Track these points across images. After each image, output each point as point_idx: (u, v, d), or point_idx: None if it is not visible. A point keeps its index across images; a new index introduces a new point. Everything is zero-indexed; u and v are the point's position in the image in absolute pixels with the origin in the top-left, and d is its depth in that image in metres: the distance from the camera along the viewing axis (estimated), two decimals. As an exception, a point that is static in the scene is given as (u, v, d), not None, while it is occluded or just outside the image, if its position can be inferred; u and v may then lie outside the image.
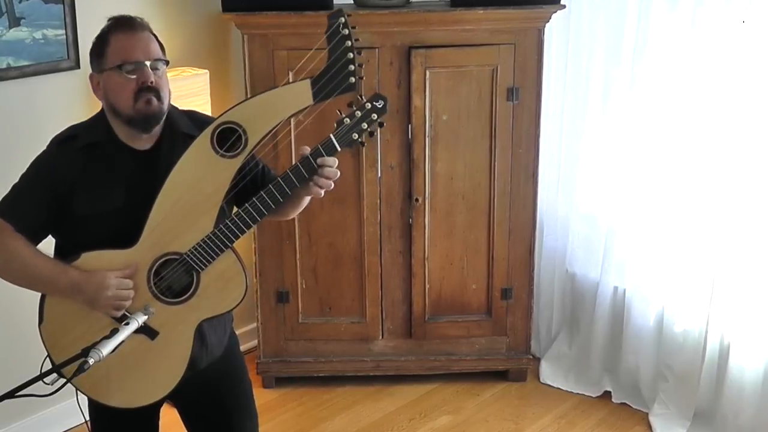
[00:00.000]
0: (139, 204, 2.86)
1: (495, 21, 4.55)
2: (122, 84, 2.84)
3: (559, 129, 5.05)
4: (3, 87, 4.10)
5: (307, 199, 3.11)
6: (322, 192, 2.94)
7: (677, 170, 4.55)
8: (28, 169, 2.97)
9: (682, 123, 4.50)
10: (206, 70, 4.62)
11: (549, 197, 5.13)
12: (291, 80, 4.40)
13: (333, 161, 2.90)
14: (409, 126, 4.64)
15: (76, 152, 2.91)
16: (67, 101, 4.30)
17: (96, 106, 3.63)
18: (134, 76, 2.84)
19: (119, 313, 2.85)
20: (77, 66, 4.29)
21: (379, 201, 4.74)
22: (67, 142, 2.94)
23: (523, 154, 4.72)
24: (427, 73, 4.57)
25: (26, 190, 2.93)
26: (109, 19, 2.93)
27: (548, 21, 4.59)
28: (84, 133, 2.95)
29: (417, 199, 4.73)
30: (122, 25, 2.87)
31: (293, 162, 2.98)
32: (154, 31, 2.95)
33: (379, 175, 4.70)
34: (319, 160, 2.87)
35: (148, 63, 2.85)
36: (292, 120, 3.13)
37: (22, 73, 4.14)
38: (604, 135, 4.86)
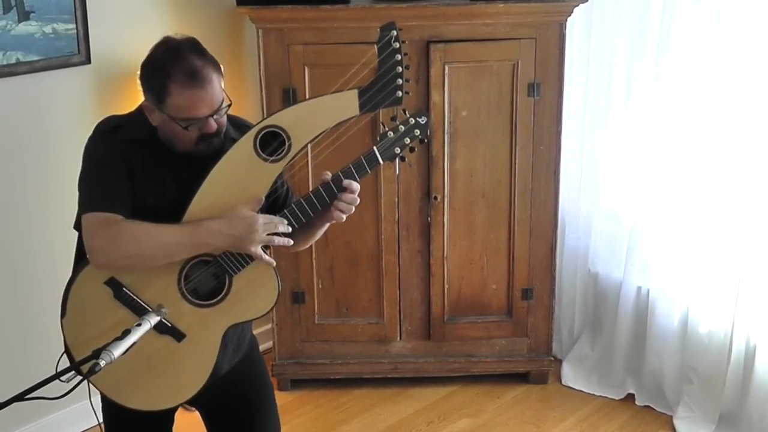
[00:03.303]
0: (187, 203, 2.81)
1: (516, 15, 4.49)
2: (183, 133, 2.78)
3: (581, 125, 4.99)
4: (12, 82, 4.05)
5: (320, 231, 3.10)
6: (344, 216, 2.92)
7: (702, 168, 4.48)
8: (90, 162, 2.88)
9: (707, 119, 4.43)
10: (220, 66, 4.54)
11: (571, 195, 5.06)
12: (307, 79, 4.42)
13: (356, 186, 2.89)
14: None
15: (122, 143, 2.84)
16: (78, 97, 4.26)
17: (108, 102, 3.56)
18: (197, 128, 2.77)
19: (275, 242, 2.84)
20: (88, 61, 4.24)
21: (396, 199, 4.69)
22: (112, 132, 2.87)
23: (544, 151, 4.66)
24: (446, 68, 4.51)
25: (105, 178, 2.84)
26: (166, 49, 2.78)
27: (570, 15, 4.53)
28: (127, 125, 2.89)
29: (436, 197, 4.66)
30: (186, 77, 2.72)
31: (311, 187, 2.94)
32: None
33: (397, 172, 4.64)
34: (345, 183, 2.86)
35: (213, 114, 2.78)
36: (309, 146, 3.09)
37: (32, 68, 4.08)
38: (627, 131, 4.79)
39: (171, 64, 2.74)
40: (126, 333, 2.50)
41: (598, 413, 4.80)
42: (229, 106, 2.87)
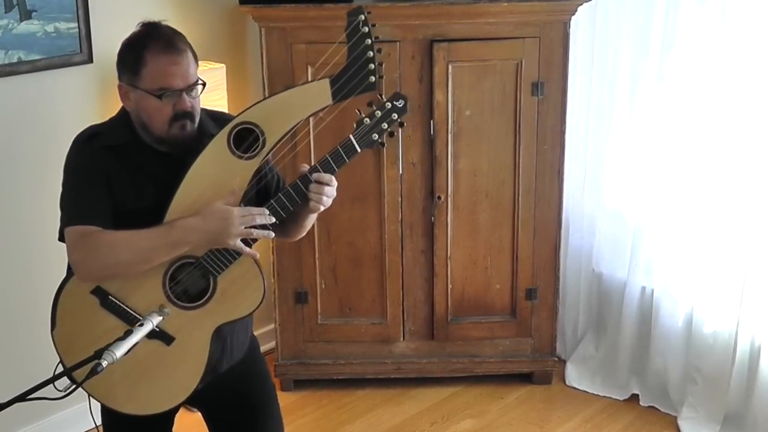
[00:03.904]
0: (168, 205, 2.81)
1: (519, 14, 4.47)
2: (158, 108, 2.80)
3: (585, 124, 4.96)
4: (14, 81, 4.03)
5: (309, 221, 3.08)
6: (321, 207, 2.91)
7: (707, 167, 4.46)
8: (69, 174, 2.91)
9: (712, 118, 4.41)
10: (223, 65, 4.55)
11: (575, 195, 5.04)
12: (310, 77, 4.37)
13: (328, 177, 2.87)
14: (431, 122, 4.56)
15: (100, 150, 2.85)
16: (80, 96, 4.24)
17: (110, 101, 3.54)
18: (171, 103, 2.79)
19: (254, 234, 2.80)
20: (90, 60, 4.22)
21: (400, 199, 4.66)
22: (90, 141, 2.89)
23: (548, 151, 4.64)
24: (450, 67, 4.49)
25: (83, 189, 2.86)
26: (143, 27, 2.85)
27: (574, 13, 4.51)
28: (106, 133, 2.91)
29: (439, 197, 4.64)
30: (161, 45, 2.79)
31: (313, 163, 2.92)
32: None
33: (401, 172, 4.62)
34: (314, 176, 2.84)
35: (186, 89, 2.81)
36: (311, 119, 3.08)
37: (34, 67, 4.06)
38: (631, 130, 4.77)
39: (147, 37, 2.81)
40: (128, 333, 2.49)
41: (603, 414, 4.77)
42: (204, 86, 2.88)
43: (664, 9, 4.50)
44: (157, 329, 2.75)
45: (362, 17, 2.80)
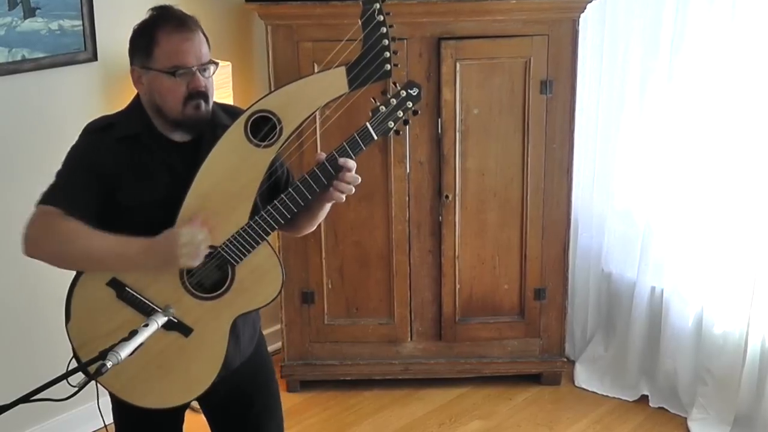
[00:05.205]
0: (182, 196, 2.80)
1: (528, 11, 4.45)
2: (171, 88, 2.79)
3: (594, 123, 4.94)
4: (18, 80, 4.02)
5: (323, 212, 3.06)
6: (344, 197, 2.89)
7: (717, 166, 4.44)
8: (67, 159, 2.89)
9: (722, 117, 4.39)
10: (229, 63, 4.53)
11: (584, 194, 5.01)
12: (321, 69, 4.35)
13: (353, 164, 2.86)
14: (439, 120, 4.54)
15: (113, 142, 2.84)
16: (84, 94, 4.23)
17: (115, 99, 3.51)
18: (185, 82, 2.78)
19: (198, 263, 2.77)
20: (95, 58, 4.21)
21: (407, 198, 4.65)
22: (103, 131, 2.87)
23: (557, 149, 4.62)
24: (458, 65, 4.47)
25: (72, 177, 2.84)
26: (154, 10, 2.85)
27: (583, 11, 4.49)
28: (120, 123, 2.90)
29: (447, 196, 4.62)
30: (174, 24, 2.79)
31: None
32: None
33: (408, 171, 4.60)
34: (341, 162, 2.82)
35: (199, 67, 2.80)
36: (317, 115, 3.06)
37: (38, 65, 4.05)
38: (641, 129, 4.75)
39: (158, 18, 2.82)
40: (133, 333, 2.48)
41: (612, 415, 4.75)
42: (217, 66, 2.88)
43: (673, 6, 4.48)
44: (176, 321, 2.78)
45: (377, 5, 2.81)
